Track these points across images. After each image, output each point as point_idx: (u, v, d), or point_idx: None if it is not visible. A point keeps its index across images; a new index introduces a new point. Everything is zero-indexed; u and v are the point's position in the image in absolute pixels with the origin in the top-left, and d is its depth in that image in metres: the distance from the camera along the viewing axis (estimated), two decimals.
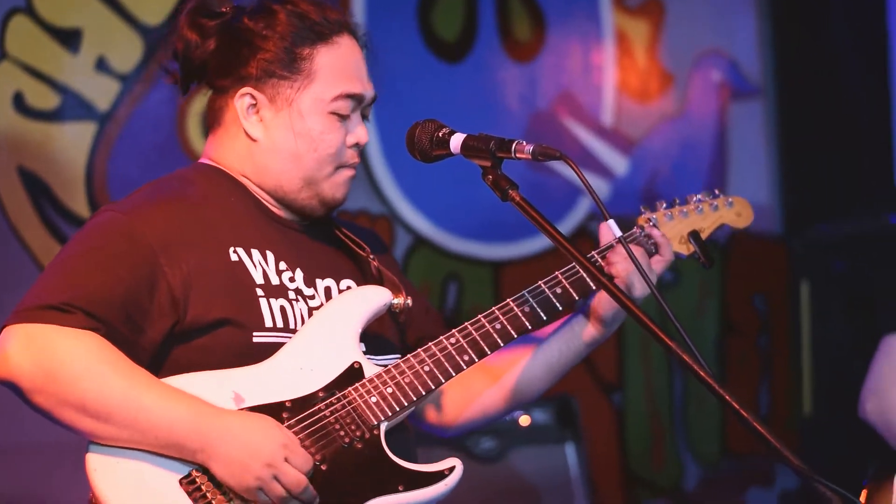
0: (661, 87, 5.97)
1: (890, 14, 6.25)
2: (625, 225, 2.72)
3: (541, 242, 5.36)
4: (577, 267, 2.66)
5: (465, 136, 2.58)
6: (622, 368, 5.80)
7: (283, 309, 2.62)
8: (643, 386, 5.84)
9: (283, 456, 2.46)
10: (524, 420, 4.58)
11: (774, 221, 6.28)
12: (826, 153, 6.25)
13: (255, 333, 2.57)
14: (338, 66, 2.67)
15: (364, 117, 2.75)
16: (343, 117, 2.68)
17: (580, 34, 5.76)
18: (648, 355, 5.79)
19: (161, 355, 2.56)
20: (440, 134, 2.60)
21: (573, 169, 2.42)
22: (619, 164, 5.84)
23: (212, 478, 2.48)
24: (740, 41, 6.25)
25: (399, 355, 2.70)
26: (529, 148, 2.49)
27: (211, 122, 2.74)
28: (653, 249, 2.77)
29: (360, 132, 2.70)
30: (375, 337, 2.72)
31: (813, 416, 5.97)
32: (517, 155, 2.50)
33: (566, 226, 5.53)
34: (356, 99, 2.69)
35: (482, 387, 2.87)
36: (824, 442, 5.78)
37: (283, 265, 2.66)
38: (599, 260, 2.74)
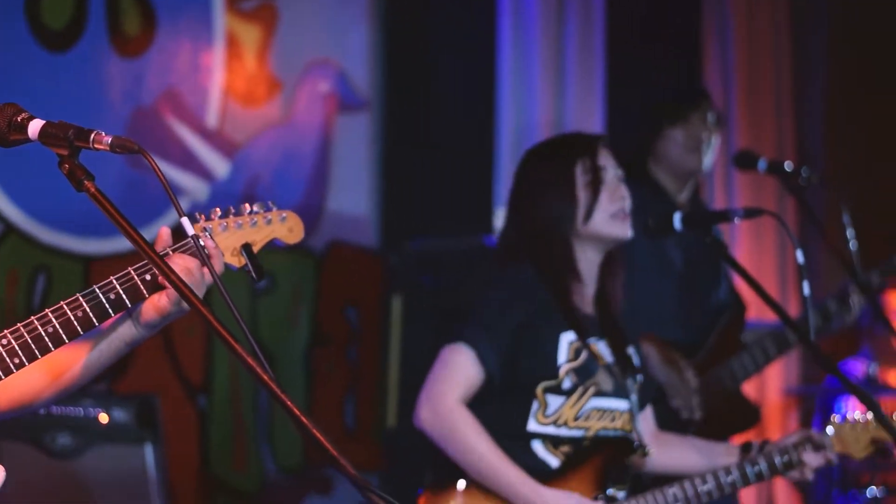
0: (268, 93, 6.02)
1: (499, 39, 6.53)
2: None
3: None
4: (151, 264, 2.65)
5: (44, 122, 2.58)
6: (209, 370, 5.80)
7: None
8: (229, 389, 5.87)
9: None
10: (102, 417, 4.56)
11: (372, 234, 6.42)
12: (428, 171, 6.42)
13: None
14: None
15: None
16: None
17: (191, 33, 5.76)
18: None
19: None
20: (18, 118, 2.59)
21: (150, 164, 2.46)
22: (220, 166, 5.86)
23: None
24: (351, 52, 6.36)
25: None
26: (108, 139, 2.52)
27: None
28: (206, 260, 2.75)
29: None
30: None
31: (397, 428, 6.12)
32: (95, 146, 2.53)
33: (166, 224, 5.47)
34: None
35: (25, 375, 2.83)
36: (407, 453, 5.91)
37: None
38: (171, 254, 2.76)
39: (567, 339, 3.81)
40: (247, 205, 2.88)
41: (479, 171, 6.44)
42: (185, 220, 2.53)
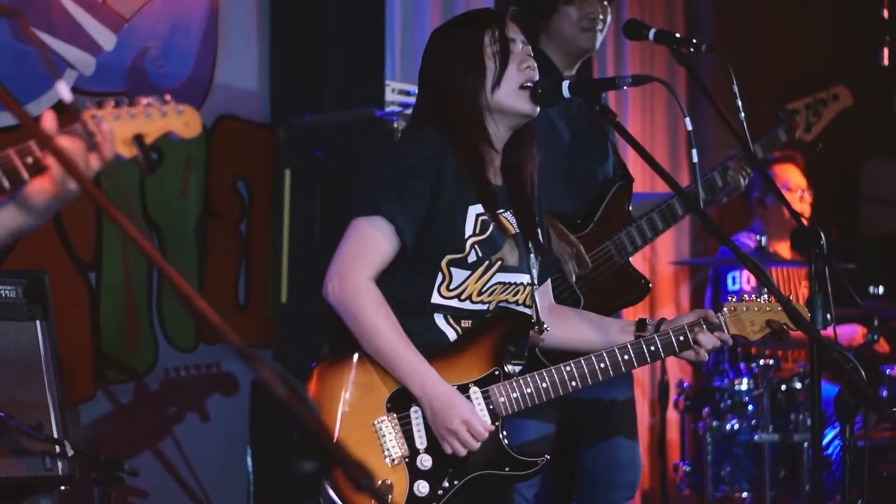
0: None
1: None
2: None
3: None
4: (33, 145, 2.63)
5: None
6: (99, 247, 5.78)
7: None
8: (121, 266, 5.86)
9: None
10: None
11: (262, 108, 6.39)
12: (318, 45, 6.37)
13: None
14: None
15: None
16: None
17: None
18: None
19: None
20: None
21: (25, 29, 2.44)
22: (107, 39, 5.77)
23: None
24: None
25: None
26: None
27: None
28: (93, 146, 2.75)
29: None
30: None
31: (289, 303, 6.20)
32: None
33: (51, 99, 5.41)
34: None
35: None
36: (300, 328, 6.05)
37: None
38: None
39: (475, 211, 3.84)
40: (143, 98, 2.86)
41: (370, 45, 6.40)
42: (60, 85, 2.50)
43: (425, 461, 3.74)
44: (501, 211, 3.91)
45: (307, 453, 2.15)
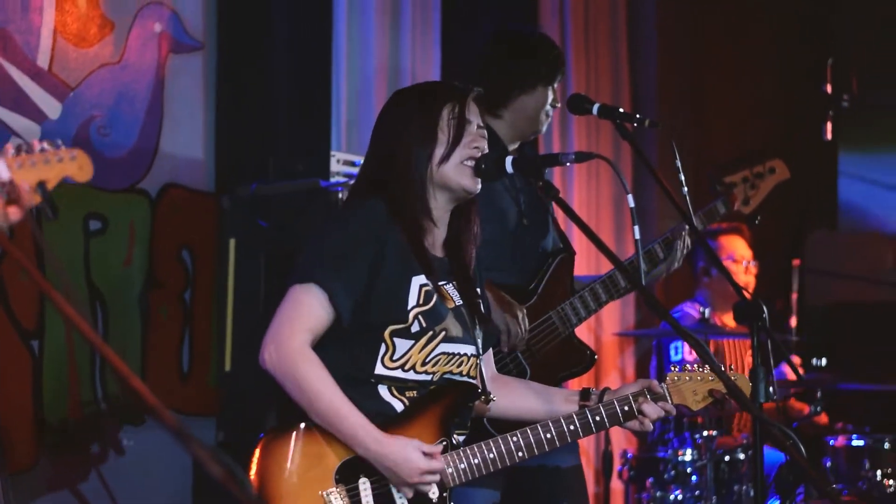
0: (100, 33, 5.98)
1: None
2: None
3: None
4: None
5: None
6: (42, 315, 5.78)
7: None
8: (64, 335, 5.84)
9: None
10: None
11: (207, 177, 6.42)
12: (264, 115, 6.42)
13: None
14: None
15: None
16: None
17: None
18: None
19: None
20: None
21: None
22: (52, 107, 5.81)
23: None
24: None
25: None
26: None
27: None
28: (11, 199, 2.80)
29: None
30: None
31: (233, 371, 6.19)
32: None
33: None
34: None
35: None
36: (244, 397, 6.04)
37: None
38: None
39: (418, 282, 3.85)
40: (35, 142, 2.91)
41: (316, 116, 6.46)
42: None
43: None
44: (444, 283, 3.93)
45: None
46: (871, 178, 9.20)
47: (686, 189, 4.60)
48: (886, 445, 7.01)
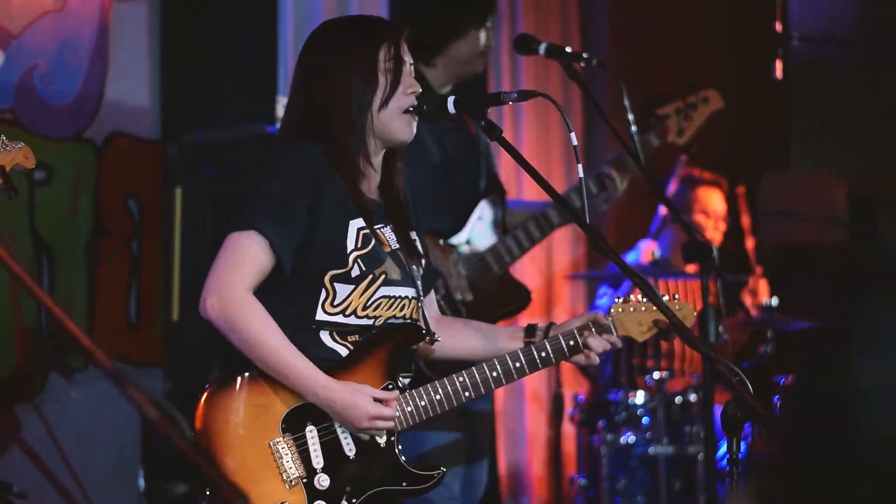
0: None
1: None
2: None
3: None
4: None
5: None
6: None
7: None
8: (6, 286, 5.87)
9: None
10: None
11: (152, 125, 6.46)
12: (208, 60, 6.49)
13: None
14: None
15: None
16: None
17: None
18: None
19: None
20: None
21: None
22: None
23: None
24: None
25: None
26: None
27: None
28: None
29: None
30: None
31: (180, 320, 6.24)
32: None
33: None
34: None
35: None
36: (192, 346, 6.09)
37: None
38: None
39: (356, 225, 3.86)
40: None
41: (261, 61, 6.49)
42: None
43: (323, 481, 3.81)
44: (380, 226, 3.94)
45: (183, 475, 2.22)
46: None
47: (635, 128, 4.67)
48: None
